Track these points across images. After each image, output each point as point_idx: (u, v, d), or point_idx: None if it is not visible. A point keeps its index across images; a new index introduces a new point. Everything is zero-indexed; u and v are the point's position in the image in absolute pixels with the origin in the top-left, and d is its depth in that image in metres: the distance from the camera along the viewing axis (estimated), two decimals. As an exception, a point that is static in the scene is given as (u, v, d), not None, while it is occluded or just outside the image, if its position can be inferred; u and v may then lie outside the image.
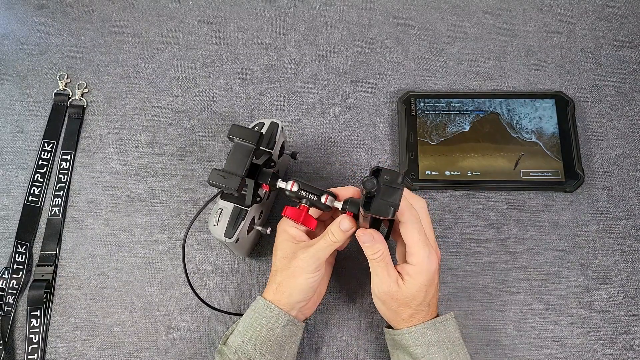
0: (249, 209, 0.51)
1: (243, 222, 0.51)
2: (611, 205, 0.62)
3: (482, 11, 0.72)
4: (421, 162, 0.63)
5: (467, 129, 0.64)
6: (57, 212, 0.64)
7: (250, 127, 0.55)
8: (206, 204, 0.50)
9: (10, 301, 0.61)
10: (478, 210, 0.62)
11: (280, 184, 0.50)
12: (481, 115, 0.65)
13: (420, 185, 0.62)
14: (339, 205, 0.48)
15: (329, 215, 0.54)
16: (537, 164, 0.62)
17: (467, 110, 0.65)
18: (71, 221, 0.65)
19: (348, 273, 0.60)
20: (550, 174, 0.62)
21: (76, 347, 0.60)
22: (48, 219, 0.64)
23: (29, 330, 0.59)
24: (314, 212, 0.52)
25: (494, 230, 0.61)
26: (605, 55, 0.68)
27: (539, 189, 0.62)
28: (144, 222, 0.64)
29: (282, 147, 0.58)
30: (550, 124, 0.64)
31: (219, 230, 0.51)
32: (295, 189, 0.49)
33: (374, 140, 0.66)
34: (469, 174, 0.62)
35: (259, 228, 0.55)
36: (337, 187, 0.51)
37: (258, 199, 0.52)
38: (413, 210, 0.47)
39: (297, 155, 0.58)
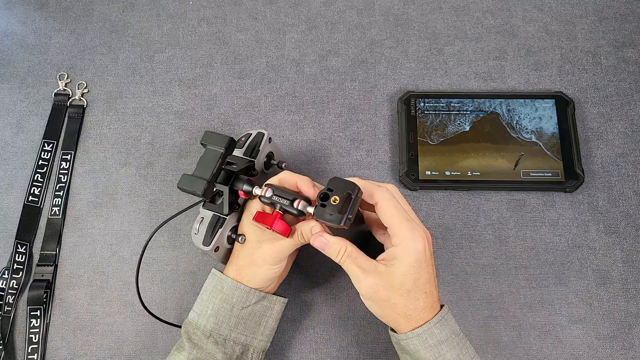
0: (227, 217, 0.51)
1: (220, 230, 0.51)
2: (611, 205, 0.62)
3: (482, 11, 0.72)
4: (421, 162, 0.63)
5: (467, 129, 0.64)
6: (57, 212, 0.64)
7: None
8: (177, 214, 0.50)
9: (10, 301, 0.61)
10: (478, 210, 0.62)
11: (256, 190, 0.49)
12: (481, 115, 0.65)
13: (420, 185, 0.62)
14: (311, 210, 0.47)
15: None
16: (537, 164, 0.62)
17: (467, 110, 0.65)
18: (71, 221, 0.65)
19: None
20: (550, 174, 0.62)
21: (76, 347, 0.60)
22: (48, 219, 0.64)
23: (29, 330, 0.59)
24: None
25: (493, 230, 0.61)
26: (605, 55, 0.68)
27: (538, 189, 0.62)
28: (144, 222, 0.64)
29: (269, 158, 0.57)
30: (550, 124, 0.64)
31: (198, 238, 0.51)
32: (269, 194, 0.48)
33: (374, 140, 0.66)
34: (469, 174, 0.62)
35: (232, 236, 0.53)
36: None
37: (236, 207, 0.52)
38: (383, 189, 0.45)
39: (284, 165, 0.58)
